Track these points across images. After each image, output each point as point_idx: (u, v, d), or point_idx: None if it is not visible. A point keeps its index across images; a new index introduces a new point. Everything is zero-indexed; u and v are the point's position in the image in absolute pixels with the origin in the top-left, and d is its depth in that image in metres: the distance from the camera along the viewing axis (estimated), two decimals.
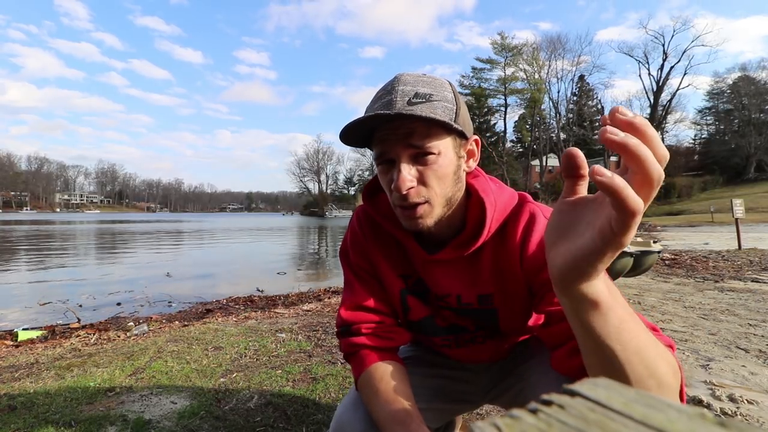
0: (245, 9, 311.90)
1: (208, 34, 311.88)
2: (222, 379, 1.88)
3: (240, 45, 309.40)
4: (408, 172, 0.63)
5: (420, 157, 0.64)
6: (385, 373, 0.72)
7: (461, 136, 0.67)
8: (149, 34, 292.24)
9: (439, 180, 0.65)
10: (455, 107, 0.65)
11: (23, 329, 3.26)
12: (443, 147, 0.65)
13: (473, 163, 0.71)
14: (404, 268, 0.80)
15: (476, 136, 0.71)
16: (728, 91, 46.14)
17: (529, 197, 0.75)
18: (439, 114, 0.62)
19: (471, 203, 0.73)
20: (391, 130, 0.64)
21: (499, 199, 0.72)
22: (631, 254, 3.89)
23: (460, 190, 0.70)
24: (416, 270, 0.79)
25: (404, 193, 0.64)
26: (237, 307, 4.19)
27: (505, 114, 48.60)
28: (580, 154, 0.38)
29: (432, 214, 0.67)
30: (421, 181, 0.65)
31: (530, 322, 0.82)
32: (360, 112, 0.67)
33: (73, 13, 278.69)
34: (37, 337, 3.04)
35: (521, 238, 0.70)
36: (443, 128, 0.64)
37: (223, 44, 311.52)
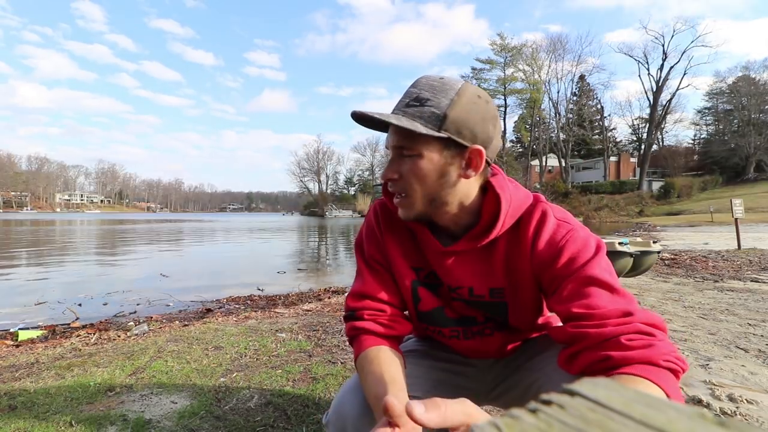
0: (283, 36, 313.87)
1: (221, 36, 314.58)
2: (222, 379, 1.88)
3: (251, 47, 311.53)
4: (391, 165, 0.73)
5: (403, 156, 0.72)
6: (377, 356, 0.74)
7: (454, 142, 0.69)
8: (162, 36, 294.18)
9: (417, 179, 0.71)
10: (443, 115, 0.67)
11: (23, 329, 3.26)
12: (426, 150, 0.69)
13: (473, 172, 0.71)
14: (417, 261, 0.83)
15: (478, 146, 0.69)
16: (728, 91, 46.09)
17: (543, 198, 0.78)
18: (419, 121, 0.67)
19: (487, 199, 0.76)
20: (390, 128, 0.72)
21: (514, 196, 0.75)
22: (630, 254, 3.90)
23: (454, 193, 0.73)
24: (429, 263, 0.81)
25: (384, 181, 0.74)
26: (237, 306, 4.19)
27: (505, 114, 48.56)
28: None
29: (412, 208, 0.74)
30: (401, 176, 0.72)
31: (540, 320, 0.85)
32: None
33: (89, 15, 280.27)
34: (38, 336, 3.04)
35: (533, 234, 0.73)
36: (416, 134, 0.68)
37: (235, 46, 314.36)
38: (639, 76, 54.72)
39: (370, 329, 0.78)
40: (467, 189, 0.73)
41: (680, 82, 39.86)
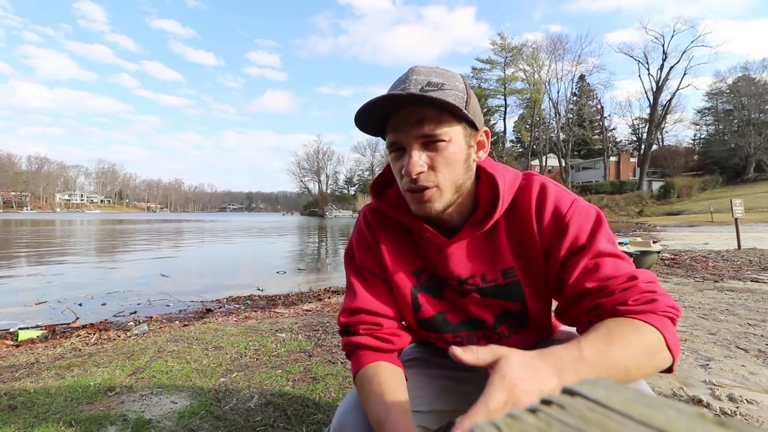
0: (284, 36, 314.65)
1: (222, 36, 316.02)
2: (222, 379, 1.88)
3: (252, 47, 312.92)
4: (419, 158, 0.66)
5: (431, 144, 0.66)
6: (376, 374, 0.72)
7: (471, 125, 0.69)
8: (164, 36, 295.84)
9: (448, 166, 0.67)
10: (465, 96, 0.68)
11: (23, 329, 3.26)
12: (453, 134, 0.67)
13: (483, 154, 0.73)
14: (417, 263, 0.79)
15: (486, 128, 0.73)
16: (728, 91, 46.05)
17: (536, 172, 0.77)
18: (450, 101, 0.64)
19: (481, 184, 0.75)
20: (403, 118, 0.66)
21: (506, 174, 0.74)
22: (630, 254, 3.89)
23: (470, 178, 0.72)
24: (431, 261, 0.78)
25: (414, 176, 0.66)
26: (237, 306, 4.20)
27: (505, 114, 48.60)
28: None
29: (441, 199, 0.69)
30: (431, 166, 0.67)
31: (553, 319, 0.84)
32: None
33: (90, 15, 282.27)
34: (38, 336, 3.04)
35: (536, 207, 0.71)
36: (453, 115, 0.66)
37: (236, 46, 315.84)
38: (639, 76, 54.78)
39: (367, 344, 0.76)
40: (473, 174, 0.73)
41: (680, 82, 39.82)
